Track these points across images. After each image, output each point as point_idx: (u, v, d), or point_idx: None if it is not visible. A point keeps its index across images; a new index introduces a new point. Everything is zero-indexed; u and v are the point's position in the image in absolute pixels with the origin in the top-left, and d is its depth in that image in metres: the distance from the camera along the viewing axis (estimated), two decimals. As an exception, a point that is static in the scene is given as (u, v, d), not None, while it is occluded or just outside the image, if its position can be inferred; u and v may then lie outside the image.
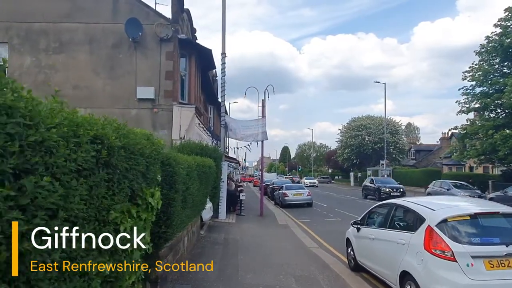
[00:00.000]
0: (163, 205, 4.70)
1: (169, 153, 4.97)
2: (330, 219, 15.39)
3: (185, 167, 5.75)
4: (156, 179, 3.38)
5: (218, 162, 13.16)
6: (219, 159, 13.26)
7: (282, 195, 21.29)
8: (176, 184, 4.90)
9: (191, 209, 6.77)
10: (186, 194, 6.00)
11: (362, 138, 53.04)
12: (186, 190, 5.99)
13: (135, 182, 2.74)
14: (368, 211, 7.06)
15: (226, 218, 14.04)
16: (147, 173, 3.03)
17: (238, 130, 14.93)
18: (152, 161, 3.08)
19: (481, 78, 25.06)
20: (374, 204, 7.82)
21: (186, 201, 6.02)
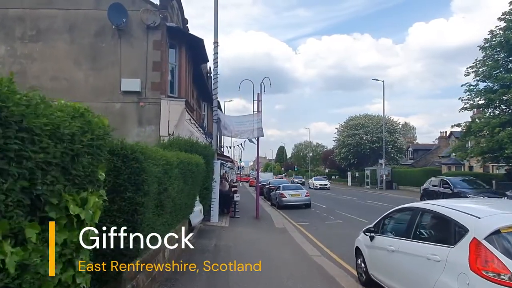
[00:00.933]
0: (127, 212, 3.58)
1: (135, 144, 3.84)
2: (331, 222, 14.32)
3: (161, 163, 4.63)
4: (97, 178, 2.28)
5: (209, 160, 12.04)
6: (210, 157, 12.14)
7: (279, 196, 20.20)
8: (144, 184, 3.78)
9: (171, 214, 5.65)
10: (163, 197, 4.88)
11: (360, 137, 52.10)
12: (163, 192, 4.87)
13: (42, 181, 1.64)
14: (383, 216, 5.96)
15: (218, 221, 12.92)
16: (73, 167, 1.92)
17: (232, 127, 13.82)
18: (82, 150, 1.97)
19: (485, 74, 24.12)
20: (374, 206, 6.76)
21: (163, 205, 4.91)
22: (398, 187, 42.44)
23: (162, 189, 4.79)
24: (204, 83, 22.64)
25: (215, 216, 12.80)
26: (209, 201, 12.29)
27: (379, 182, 43.38)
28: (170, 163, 5.19)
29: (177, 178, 5.85)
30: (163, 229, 4.90)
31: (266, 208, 18.92)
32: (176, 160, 5.68)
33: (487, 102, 24.16)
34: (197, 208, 9.99)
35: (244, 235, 10.78)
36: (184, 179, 6.65)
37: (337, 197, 29.63)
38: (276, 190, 21.75)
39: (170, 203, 5.37)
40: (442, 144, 58.37)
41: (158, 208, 4.66)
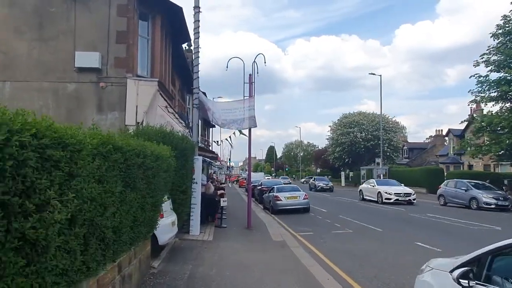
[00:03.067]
0: None
1: None
2: (339, 232, 11.73)
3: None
4: None
5: (187, 155, 9.34)
6: (189, 151, 9.42)
7: (274, 199, 17.54)
8: None
9: (101, 243, 2.92)
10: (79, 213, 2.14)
11: (354, 135, 49.80)
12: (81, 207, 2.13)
13: None
14: (489, 252, 3.21)
15: (200, 234, 10.20)
16: None
17: (218, 114, 11.13)
18: None
19: (500, 63, 21.87)
20: (376, 207, 4.16)
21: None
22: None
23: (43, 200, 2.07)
24: (188, 72, 19.80)
25: (195, 226, 10.07)
26: (187, 208, 9.56)
27: (376, 182, 41.11)
28: (73, 144, 2.45)
29: (106, 178, 3.14)
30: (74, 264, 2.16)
31: (259, 214, 16.24)
32: (94, 141, 2.95)
33: (502, 94, 21.94)
34: (167, 220, 7.27)
35: (231, 254, 8.07)
36: (128, 180, 3.94)
37: (336, 199, 27.11)
38: (270, 192, 19.08)
39: (81, 228, 2.65)
40: (438, 143, 56.58)
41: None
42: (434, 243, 9.48)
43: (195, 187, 10.09)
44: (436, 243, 9.42)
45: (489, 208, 18.41)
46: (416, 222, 14.01)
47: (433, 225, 13.12)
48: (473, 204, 19.10)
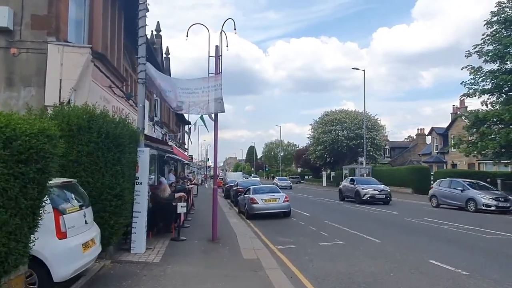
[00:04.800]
0: None
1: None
2: (328, 244, 9.38)
3: None
4: None
5: (123, 145, 6.76)
6: (125, 139, 6.84)
7: (249, 201, 15.09)
8: None
9: None
10: None
11: (336, 133, 47.98)
12: None
13: None
14: None
15: (146, 252, 7.61)
16: None
17: (174, 94, 8.57)
18: None
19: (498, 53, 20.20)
20: None
21: None
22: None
23: None
24: (153, 58, 17.15)
25: (139, 242, 7.47)
26: (124, 218, 6.95)
27: (359, 182, 39.35)
28: None
29: None
30: None
31: (231, 219, 13.74)
32: None
33: (497, 86, 20.29)
34: (74, 241, 4.71)
35: (180, 287, 5.55)
36: None
37: (318, 200, 24.91)
38: (245, 193, 16.62)
39: None
40: (420, 142, 55.66)
41: None
42: (453, 260, 7.26)
43: (139, 189, 7.51)
44: (456, 261, 7.20)
45: (488, 210, 16.59)
46: (416, 229, 11.85)
47: (438, 233, 10.98)
48: (470, 206, 17.25)
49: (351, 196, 22.34)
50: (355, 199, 21.60)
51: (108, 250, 6.85)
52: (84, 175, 6.37)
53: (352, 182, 22.99)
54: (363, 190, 21.10)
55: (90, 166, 6.43)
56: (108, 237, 6.57)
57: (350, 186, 22.73)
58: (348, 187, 23.04)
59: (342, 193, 23.90)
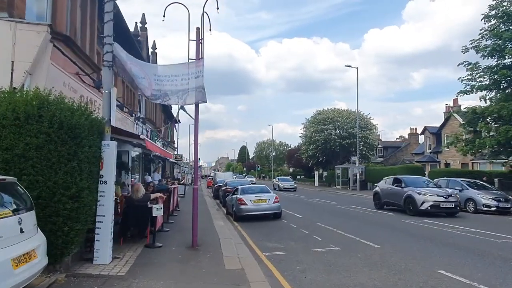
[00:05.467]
0: None
1: None
2: (322, 250, 8.41)
3: None
4: None
5: (80, 137, 5.69)
6: (84, 131, 5.77)
7: (237, 202, 14.08)
8: None
9: None
10: None
11: (329, 132, 47.19)
12: None
13: None
14: None
15: (112, 261, 6.55)
16: None
17: (148, 81, 7.51)
18: None
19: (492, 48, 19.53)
20: None
21: None
22: (374, 187, 37.77)
23: None
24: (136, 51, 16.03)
25: (103, 251, 6.40)
26: (83, 223, 5.87)
27: (352, 182, 38.55)
28: None
29: None
30: None
31: (216, 222, 12.69)
32: None
33: (495, 82, 19.61)
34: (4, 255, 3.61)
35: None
36: None
37: (310, 201, 23.98)
38: (233, 194, 15.60)
39: None
40: (412, 141, 55.23)
41: None
42: (465, 271, 6.35)
43: (104, 189, 6.43)
44: (469, 272, 6.28)
45: (488, 211, 15.82)
46: (417, 232, 10.95)
47: (441, 237, 10.08)
48: (469, 207, 16.47)
49: (396, 203, 15.98)
50: (406, 208, 15.12)
51: (63, 261, 5.77)
52: (32, 172, 5.30)
53: (398, 184, 16.31)
54: (420, 196, 14.60)
55: (40, 161, 5.36)
56: (62, 247, 5.51)
57: (396, 189, 16.19)
58: (392, 191, 16.50)
59: (381, 198, 17.40)
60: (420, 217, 14.09)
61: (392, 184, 16.83)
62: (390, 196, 16.64)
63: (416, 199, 14.62)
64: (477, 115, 19.09)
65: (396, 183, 16.54)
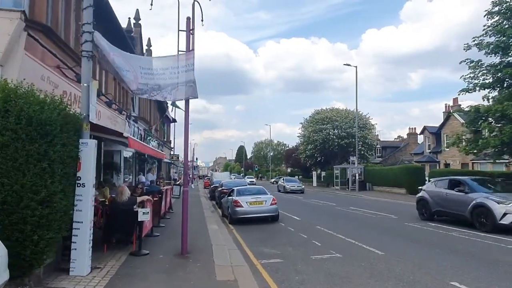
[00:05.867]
0: None
1: None
2: (322, 257, 7.81)
3: None
4: None
5: (52, 134, 5.07)
6: (55, 127, 5.14)
7: (232, 204, 13.47)
8: None
9: None
10: None
11: (327, 132, 46.67)
12: None
13: None
14: None
15: (91, 272, 5.92)
16: None
17: (133, 75, 6.89)
18: None
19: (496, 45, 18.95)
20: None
21: None
22: (373, 187, 37.28)
23: None
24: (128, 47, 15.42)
25: (81, 260, 5.78)
26: (55, 231, 5.25)
27: (351, 182, 38.00)
28: None
29: None
30: None
31: (211, 225, 12.07)
32: None
33: (498, 80, 19.06)
34: None
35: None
36: None
37: (309, 202, 23.39)
38: (229, 195, 14.99)
39: None
40: (411, 141, 54.77)
41: None
42: (481, 284, 5.76)
43: (81, 193, 5.81)
44: (486, 285, 5.69)
45: (493, 213, 15.19)
46: (423, 237, 10.35)
47: (449, 242, 9.50)
48: (474, 209, 15.82)
49: (457, 213, 12.28)
50: (475, 221, 11.30)
51: (33, 273, 5.14)
52: (-4, 174, 4.69)
53: (457, 188, 12.53)
54: (499, 206, 10.67)
55: (5, 162, 4.76)
56: (30, 258, 4.90)
57: (456, 195, 12.36)
58: (449, 197, 12.67)
59: (430, 207, 13.53)
60: (425, 220, 13.52)
61: (449, 188, 12.98)
62: (446, 203, 12.79)
63: (494, 210, 10.68)
64: (480, 114, 18.51)
65: (455, 187, 12.64)
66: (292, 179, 39.50)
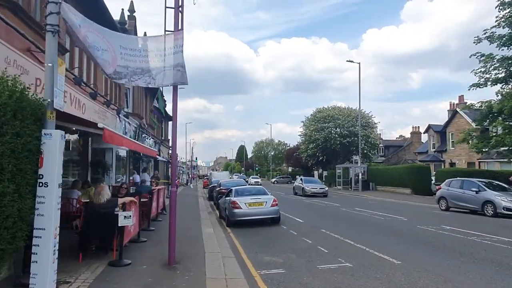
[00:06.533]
0: None
1: None
2: (330, 266, 6.83)
3: None
4: None
5: (8, 121, 4.08)
6: (12, 113, 4.14)
7: (230, 206, 12.48)
8: None
9: None
10: None
11: (329, 131, 45.64)
12: None
13: None
14: None
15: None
16: None
17: (111, 55, 5.92)
18: None
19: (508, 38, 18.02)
20: None
21: None
22: (376, 187, 36.27)
23: None
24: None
25: (43, 275, 4.77)
26: (5, 242, 4.26)
27: (354, 182, 36.98)
28: None
29: None
30: None
31: (206, 228, 11.07)
32: None
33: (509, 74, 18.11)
34: None
35: None
36: None
37: (312, 202, 22.39)
38: (227, 195, 14.01)
39: None
40: (414, 140, 53.71)
41: None
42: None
43: (44, 194, 4.82)
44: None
45: (509, 214, 14.26)
46: (441, 243, 9.35)
47: (472, 249, 8.49)
48: (488, 210, 14.90)
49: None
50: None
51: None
52: None
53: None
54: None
55: None
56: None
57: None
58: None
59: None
60: (438, 223, 12.54)
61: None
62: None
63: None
64: (492, 110, 17.53)
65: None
66: (312, 179, 33.40)
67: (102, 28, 5.95)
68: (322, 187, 27.96)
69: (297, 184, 30.21)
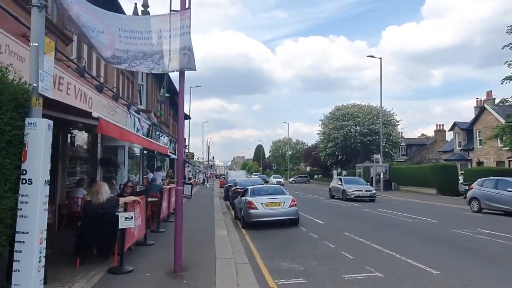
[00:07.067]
0: None
1: None
2: (357, 277, 5.98)
3: None
4: None
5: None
6: None
7: (246, 206, 11.73)
8: None
9: None
10: None
11: (349, 129, 44.36)
12: None
13: None
14: None
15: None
16: None
17: (107, 37, 5.26)
18: None
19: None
20: None
21: None
22: (399, 187, 34.83)
23: None
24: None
25: (27, 286, 4.15)
26: None
27: (375, 182, 35.62)
28: None
29: None
30: None
31: (219, 230, 10.34)
32: None
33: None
34: None
35: None
36: None
37: (331, 202, 21.39)
38: (242, 195, 13.27)
39: None
40: (438, 138, 51.67)
41: None
42: None
43: (27, 192, 4.19)
44: None
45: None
46: (482, 249, 8.32)
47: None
48: (526, 211, 13.66)
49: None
50: None
51: None
52: None
53: None
54: None
55: None
56: None
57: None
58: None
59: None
60: (474, 226, 11.44)
61: None
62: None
63: None
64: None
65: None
66: (354, 179, 26.98)
67: (96, 9, 5.29)
68: (368, 189, 22.56)
69: (334, 185, 24.85)
